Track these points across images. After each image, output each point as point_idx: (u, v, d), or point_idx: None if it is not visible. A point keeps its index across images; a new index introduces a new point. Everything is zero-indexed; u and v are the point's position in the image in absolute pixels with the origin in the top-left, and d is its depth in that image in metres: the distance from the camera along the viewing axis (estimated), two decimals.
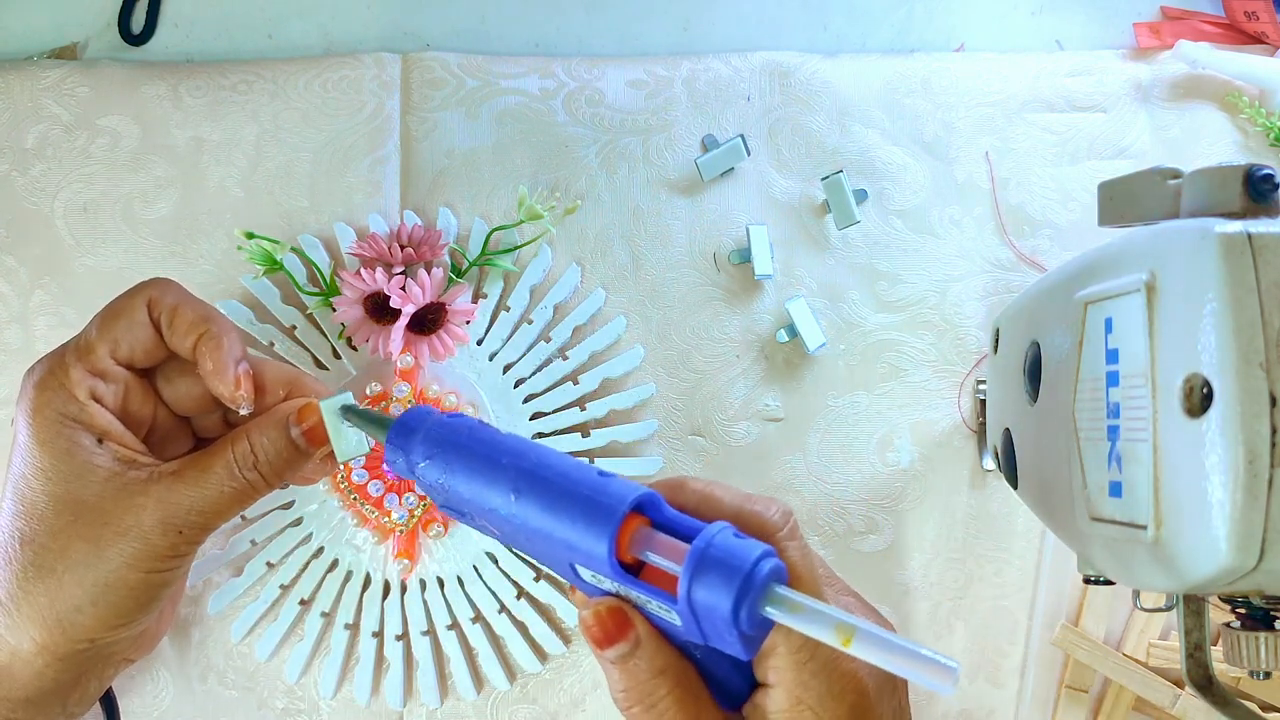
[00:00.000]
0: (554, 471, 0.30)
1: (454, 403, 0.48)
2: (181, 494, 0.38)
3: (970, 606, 0.51)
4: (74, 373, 0.38)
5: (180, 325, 0.39)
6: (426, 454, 0.33)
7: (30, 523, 0.38)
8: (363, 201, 0.51)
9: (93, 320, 0.40)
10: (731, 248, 0.51)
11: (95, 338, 0.39)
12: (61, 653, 0.39)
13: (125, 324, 0.39)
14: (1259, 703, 0.49)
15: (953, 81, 0.53)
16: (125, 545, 0.38)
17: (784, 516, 0.31)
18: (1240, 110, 0.52)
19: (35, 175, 0.51)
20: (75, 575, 0.38)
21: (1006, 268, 0.52)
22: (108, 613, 0.38)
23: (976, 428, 0.51)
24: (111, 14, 0.53)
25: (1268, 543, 0.26)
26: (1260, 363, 0.27)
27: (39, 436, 0.38)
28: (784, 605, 0.27)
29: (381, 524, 0.48)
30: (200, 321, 0.39)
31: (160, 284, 0.40)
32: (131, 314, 0.39)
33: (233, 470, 0.39)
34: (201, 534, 0.40)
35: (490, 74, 0.52)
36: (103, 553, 0.38)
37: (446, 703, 0.50)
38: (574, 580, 0.31)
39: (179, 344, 0.40)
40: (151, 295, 0.40)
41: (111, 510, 0.38)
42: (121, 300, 0.40)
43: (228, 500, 0.39)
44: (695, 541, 0.28)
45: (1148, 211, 0.34)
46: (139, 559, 0.38)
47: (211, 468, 0.39)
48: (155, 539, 0.38)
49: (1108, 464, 0.33)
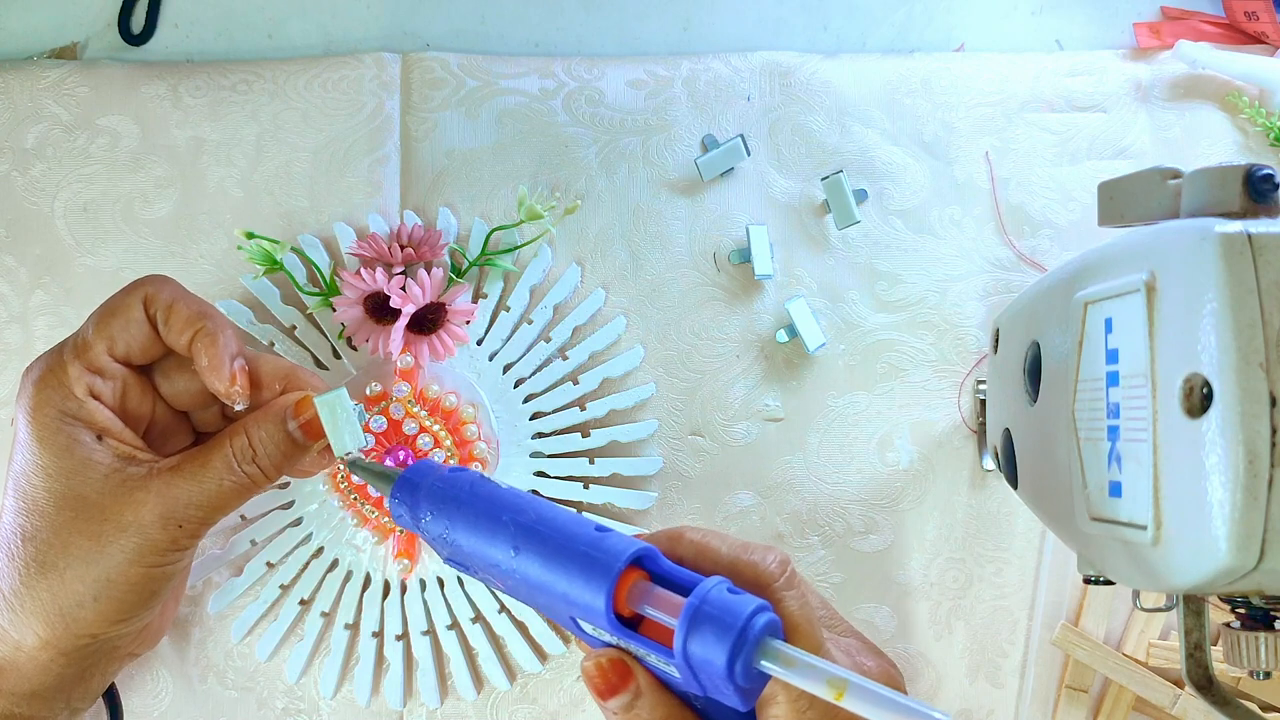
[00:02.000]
0: (552, 527, 0.31)
1: (454, 403, 0.48)
2: (181, 488, 0.39)
3: (970, 606, 0.51)
4: (72, 370, 0.39)
5: (176, 322, 0.40)
6: (430, 509, 0.33)
7: (32, 519, 0.38)
8: (363, 201, 0.51)
9: (90, 318, 0.40)
10: (731, 248, 0.51)
11: (92, 335, 0.39)
12: (65, 647, 0.39)
13: (121, 321, 0.39)
14: (1259, 703, 0.49)
15: (953, 81, 0.53)
16: (126, 541, 0.38)
17: (781, 566, 0.32)
18: (1240, 110, 0.52)
19: (35, 175, 0.51)
20: (77, 571, 0.38)
21: (1006, 268, 0.52)
22: (110, 607, 0.39)
23: (976, 428, 0.51)
24: (111, 14, 0.53)
25: (1268, 543, 0.26)
26: (1260, 363, 0.27)
27: (39, 434, 0.38)
28: (778, 659, 0.28)
29: (381, 524, 0.48)
30: (196, 318, 0.40)
31: (156, 281, 0.40)
32: (127, 311, 0.40)
33: (231, 465, 0.39)
34: (201, 528, 0.40)
35: (490, 74, 0.52)
36: (104, 548, 0.38)
37: (446, 703, 0.50)
38: (576, 632, 0.32)
39: (175, 340, 0.40)
40: (147, 292, 0.40)
41: (111, 506, 0.38)
42: (117, 298, 0.40)
43: (227, 494, 0.40)
44: (690, 598, 0.29)
45: (1148, 211, 0.34)
46: (140, 554, 0.38)
47: (210, 462, 0.39)
48: (155, 533, 0.38)
49: (1108, 464, 0.33)
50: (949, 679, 0.51)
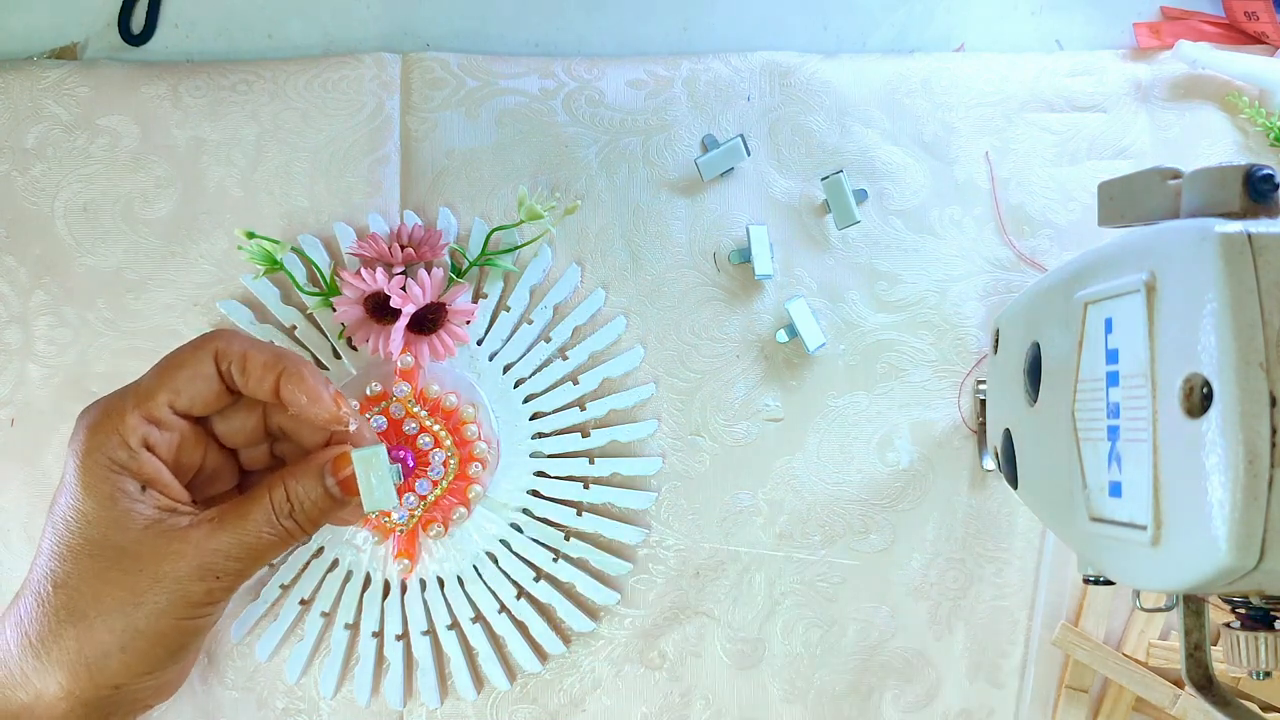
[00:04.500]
0: None
1: (454, 403, 0.48)
2: (220, 540, 0.39)
3: (970, 606, 0.51)
4: (130, 419, 0.39)
5: (254, 370, 0.40)
6: None
7: (65, 565, 0.38)
8: (363, 201, 0.51)
9: (154, 368, 0.40)
10: (731, 248, 0.51)
11: (156, 387, 0.39)
12: (86, 698, 0.39)
13: (189, 375, 0.40)
14: (1259, 703, 0.49)
15: (953, 81, 0.53)
16: (160, 593, 0.38)
17: None
18: (1240, 110, 0.52)
19: (35, 175, 0.51)
20: (107, 622, 0.38)
21: (1006, 268, 0.52)
22: (136, 660, 0.39)
23: (976, 428, 0.51)
24: (111, 14, 0.53)
25: (1268, 543, 0.26)
26: (1260, 363, 0.27)
27: (85, 480, 0.38)
28: None
29: (381, 524, 0.48)
30: (274, 362, 0.40)
31: (225, 335, 0.41)
32: (196, 365, 0.40)
33: (271, 518, 0.40)
34: (237, 581, 0.40)
35: (490, 74, 0.52)
36: (137, 600, 0.38)
37: (446, 703, 0.50)
38: None
39: (257, 389, 0.40)
40: (218, 348, 0.40)
41: (149, 557, 0.38)
42: (186, 352, 0.40)
43: (265, 546, 0.40)
44: None
45: (1148, 211, 0.34)
46: (173, 607, 0.38)
47: (251, 514, 0.39)
48: (191, 585, 0.38)
49: (1108, 464, 0.33)
50: (949, 679, 0.51)
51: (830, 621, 0.51)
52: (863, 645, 0.51)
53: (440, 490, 0.48)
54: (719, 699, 0.50)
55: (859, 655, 0.51)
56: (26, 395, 0.50)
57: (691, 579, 0.51)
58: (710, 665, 0.50)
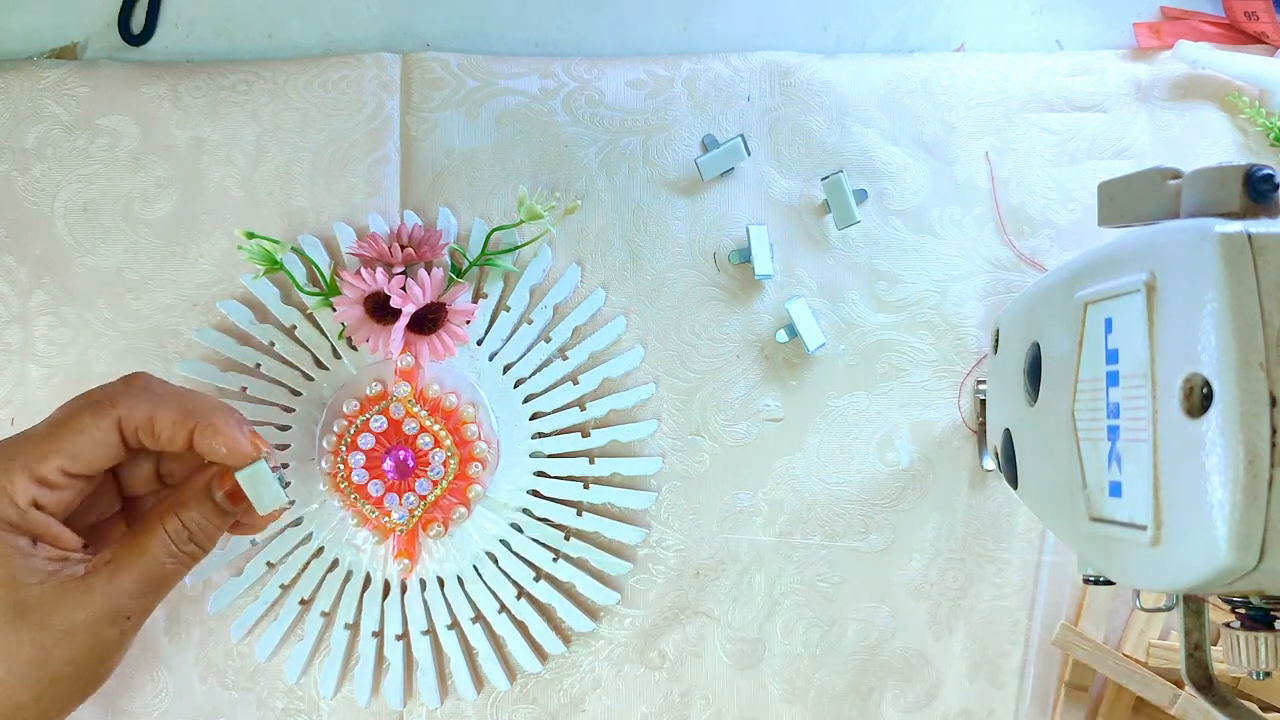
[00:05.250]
0: None
1: (454, 403, 0.48)
2: (122, 581, 0.39)
3: (970, 606, 0.51)
4: (19, 480, 0.38)
5: (163, 430, 0.39)
6: None
7: None
8: (363, 201, 0.51)
9: (50, 423, 0.39)
10: (731, 248, 0.51)
11: (50, 447, 0.38)
12: None
13: (87, 441, 0.39)
14: (1259, 703, 0.49)
15: (953, 81, 0.53)
16: (73, 643, 0.38)
17: None
18: (1240, 110, 0.52)
19: (35, 175, 0.51)
20: (19, 675, 0.38)
21: (1006, 268, 0.52)
22: (51, 706, 0.39)
23: (976, 428, 0.51)
24: (111, 14, 0.53)
25: (1268, 543, 0.26)
26: (1260, 363, 0.27)
27: None
28: None
29: (381, 524, 0.48)
30: (183, 419, 0.39)
31: (123, 399, 0.39)
32: (94, 433, 0.39)
33: (171, 548, 0.40)
34: (145, 615, 0.40)
35: (490, 74, 0.52)
36: (49, 653, 0.38)
37: (446, 703, 0.50)
38: None
39: (167, 446, 0.40)
40: (120, 416, 0.39)
41: (53, 609, 0.38)
42: (85, 417, 0.39)
43: (169, 575, 0.40)
44: None
45: (1148, 211, 0.34)
46: (88, 653, 0.38)
47: (149, 549, 0.39)
48: (103, 630, 0.38)
49: (1108, 464, 0.33)
50: (949, 679, 0.51)
51: (830, 621, 0.51)
52: (863, 645, 0.51)
53: (440, 490, 0.48)
54: (719, 699, 0.50)
55: (859, 655, 0.51)
56: (26, 395, 0.50)
57: (691, 579, 0.51)
58: (710, 665, 0.50)
